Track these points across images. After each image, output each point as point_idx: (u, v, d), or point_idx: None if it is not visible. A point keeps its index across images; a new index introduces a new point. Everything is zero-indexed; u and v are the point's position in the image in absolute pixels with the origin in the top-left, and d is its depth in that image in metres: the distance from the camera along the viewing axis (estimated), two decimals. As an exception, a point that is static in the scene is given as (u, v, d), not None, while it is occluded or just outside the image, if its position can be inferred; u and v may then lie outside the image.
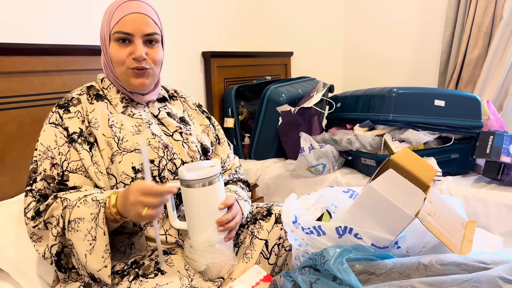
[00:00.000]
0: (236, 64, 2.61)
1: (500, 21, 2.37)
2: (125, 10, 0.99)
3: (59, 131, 0.98)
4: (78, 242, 0.89)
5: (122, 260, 0.99)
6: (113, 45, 1.00)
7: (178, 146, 1.09)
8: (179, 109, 1.19)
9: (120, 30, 0.98)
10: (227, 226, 0.96)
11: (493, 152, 1.80)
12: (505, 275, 0.75)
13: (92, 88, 1.07)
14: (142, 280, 0.90)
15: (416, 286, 0.77)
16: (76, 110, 1.01)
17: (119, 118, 1.04)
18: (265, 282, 0.99)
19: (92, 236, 0.88)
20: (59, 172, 0.95)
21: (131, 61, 1.00)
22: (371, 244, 0.90)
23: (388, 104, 1.91)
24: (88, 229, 0.88)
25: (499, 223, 1.69)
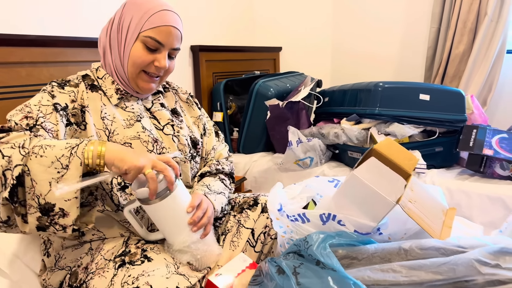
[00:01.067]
0: (225, 58, 2.62)
1: (484, 17, 2.41)
2: (164, 20, 1.00)
3: (47, 96, 0.97)
4: (40, 169, 0.78)
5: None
6: (139, 46, 1.00)
7: (168, 140, 1.10)
8: (172, 100, 1.20)
9: (154, 37, 0.99)
10: (200, 224, 0.97)
11: (476, 145, 1.84)
12: (481, 257, 0.78)
13: (87, 78, 1.07)
14: (129, 267, 0.91)
15: (396, 269, 0.80)
16: (71, 90, 1.01)
17: (112, 111, 1.04)
18: (250, 269, 1.01)
19: (61, 164, 0.79)
20: (29, 123, 0.90)
21: (151, 67, 1.02)
22: (354, 231, 0.92)
23: (374, 98, 1.94)
24: (57, 156, 0.80)
25: (481, 213, 1.73)
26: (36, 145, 0.80)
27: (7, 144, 0.80)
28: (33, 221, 0.80)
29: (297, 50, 3.12)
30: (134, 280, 0.86)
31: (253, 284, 0.91)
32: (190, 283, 0.90)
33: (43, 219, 0.80)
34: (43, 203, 0.79)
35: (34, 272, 1.09)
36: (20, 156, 0.78)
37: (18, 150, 0.79)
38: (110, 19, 1.07)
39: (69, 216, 0.81)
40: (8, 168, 0.78)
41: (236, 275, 0.98)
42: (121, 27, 1.02)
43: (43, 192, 0.79)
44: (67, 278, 0.98)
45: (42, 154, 0.79)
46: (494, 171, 1.82)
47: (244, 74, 2.70)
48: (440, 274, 0.77)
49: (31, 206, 0.80)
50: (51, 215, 0.80)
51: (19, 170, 0.78)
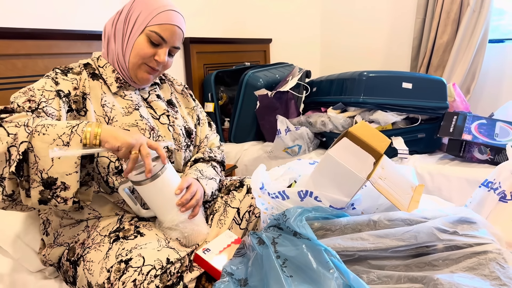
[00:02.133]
0: (216, 50, 2.68)
1: (467, 8, 2.49)
2: (170, 19, 1.07)
3: (50, 82, 1.02)
4: (43, 146, 0.84)
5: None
6: (143, 39, 1.07)
7: (164, 129, 1.17)
8: (167, 92, 1.27)
9: (158, 33, 1.06)
10: (188, 206, 1.04)
11: (455, 131, 1.92)
12: (441, 226, 0.86)
13: (89, 66, 1.13)
14: (123, 241, 0.98)
15: (364, 237, 0.88)
16: (73, 77, 1.07)
17: (111, 99, 1.11)
18: (235, 244, 1.08)
19: (63, 142, 0.85)
20: (31, 106, 0.95)
21: (151, 60, 1.09)
22: (329, 206, 1.00)
23: (359, 87, 2.02)
24: (58, 134, 0.86)
25: (460, 196, 1.82)
26: (39, 124, 0.86)
27: (11, 123, 0.86)
28: (36, 195, 0.86)
29: (287, 42, 3.18)
30: (127, 252, 0.94)
31: (237, 256, 0.99)
32: (180, 256, 0.98)
33: (45, 192, 0.87)
34: (46, 177, 0.85)
35: (34, 250, 1.17)
36: (26, 133, 0.84)
37: (23, 128, 0.85)
38: (117, 11, 1.13)
39: (69, 189, 0.87)
40: (13, 145, 0.84)
41: (222, 249, 1.06)
42: (128, 19, 1.09)
43: (46, 167, 0.85)
44: (65, 253, 1.05)
45: (44, 132, 0.85)
46: (473, 155, 1.90)
47: (234, 66, 2.76)
48: (403, 240, 0.85)
49: (34, 181, 0.86)
50: (53, 188, 0.86)
51: (24, 146, 0.83)
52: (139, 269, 0.90)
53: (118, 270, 0.91)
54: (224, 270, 0.92)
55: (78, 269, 1.00)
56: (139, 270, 0.90)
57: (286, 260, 0.84)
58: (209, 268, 1.01)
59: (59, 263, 1.08)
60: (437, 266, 0.84)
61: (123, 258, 0.93)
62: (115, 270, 0.91)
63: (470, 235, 0.85)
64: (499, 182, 1.10)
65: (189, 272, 0.99)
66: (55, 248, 1.07)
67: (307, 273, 0.80)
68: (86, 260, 0.99)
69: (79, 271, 1.00)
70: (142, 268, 0.90)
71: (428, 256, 0.85)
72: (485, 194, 1.12)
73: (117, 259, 0.93)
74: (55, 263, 1.08)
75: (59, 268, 1.09)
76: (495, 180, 1.11)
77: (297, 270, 0.82)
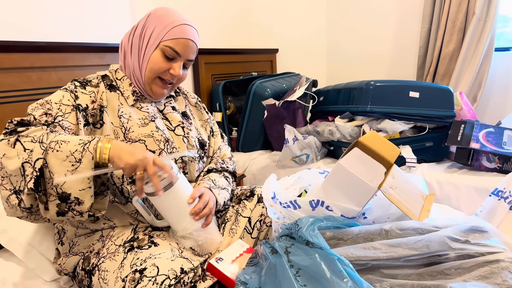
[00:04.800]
0: (223, 60, 2.71)
1: (472, 16, 2.50)
2: (184, 33, 1.10)
3: (68, 95, 1.04)
4: (57, 163, 0.87)
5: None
6: (158, 54, 1.09)
7: (179, 141, 1.19)
8: (182, 104, 1.30)
9: (173, 47, 1.08)
10: (202, 214, 1.06)
11: (463, 139, 1.93)
12: (453, 235, 0.87)
13: (106, 78, 1.15)
14: (137, 251, 1.00)
15: (377, 247, 0.89)
16: (92, 90, 1.09)
17: (128, 110, 1.13)
18: (247, 253, 1.10)
19: (75, 159, 0.87)
20: (47, 120, 0.97)
21: (166, 74, 1.11)
22: (341, 215, 1.01)
23: (366, 96, 2.03)
24: (71, 151, 0.88)
25: (469, 204, 1.82)
26: (52, 141, 0.88)
27: (27, 138, 0.88)
28: (53, 208, 0.89)
29: (293, 52, 3.21)
30: (142, 262, 0.96)
31: (250, 265, 1.00)
32: (193, 265, 0.99)
33: (62, 205, 0.89)
34: (61, 192, 0.88)
35: (49, 260, 1.18)
36: (41, 150, 0.87)
37: (38, 145, 0.87)
38: (133, 26, 1.16)
39: (84, 204, 0.90)
40: (27, 161, 0.86)
41: (234, 258, 1.07)
42: (143, 34, 1.11)
43: (59, 183, 0.88)
44: (80, 262, 1.07)
45: (58, 149, 0.87)
46: (481, 163, 1.91)
47: (242, 76, 2.79)
48: (415, 249, 0.86)
49: (51, 195, 0.89)
50: (68, 202, 0.89)
51: (40, 163, 0.86)
52: (154, 278, 0.92)
53: (133, 280, 0.92)
54: (238, 279, 0.93)
55: (93, 278, 1.01)
56: (153, 280, 0.91)
57: (300, 269, 0.85)
58: (222, 277, 1.02)
59: (74, 272, 1.10)
60: (450, 275, 0.84)
61: (137, 268, 0.94)
62: (130, 280, 0.93)
63: (482, 244, 0.86)
64: (509, 191, 1.11)
65: (202, 281, 1.00)
66: (71, 257, 1.09)
67: (321, 283, 0.81)
68: (101, 269, 1.00)
69: (94, 281, 1.01)
70: (156, 278, 0.92)
71: (440, 265, 0.86)
72: (496, 203, 1.13)
73: (131, 269, 0.95)
74: (70, 272, 1.10)
75: (74, 278, 1.10)
76: (505, 189, 1.12)
77: (310, 280, 0.83)
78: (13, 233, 1.21)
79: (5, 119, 1.41)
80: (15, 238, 1.20)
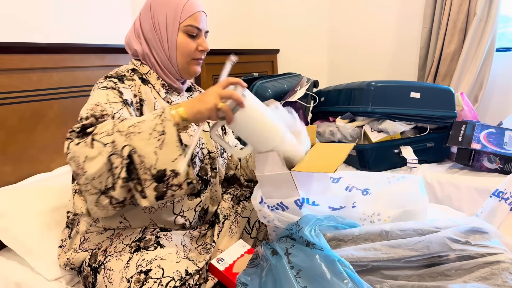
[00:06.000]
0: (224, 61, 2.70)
1: (473, 17, 2.50)
2: (195, 7, 1.12)
3: (112, 93, 1.02)
4: (143, 143, 0.84)
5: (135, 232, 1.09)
6: (183, 36, 1.11)
7: (206, 137, 1.20)
8: None
9: (194, 25, 1.11)
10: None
11: (464, 140, 1.93)
12: (453, 236, 0.87)
13: (136, 71, 1.14)
14: (143, 251, 1.00)
15: (377, 248, 0.89)
16: (130, 84, 1.08)
17: (162, 103, 1.14)
18: (248, 254, 1.10)
19: (158, 132, 0.85)
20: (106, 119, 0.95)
21: (197, 53, 1.14)
22: (328, 207, 1.00)
23: (367, 97, 2.03)
24: (151, 127, 0.85)
25: (470, 205, 1.82)
26: (129, 125, 0.86)
27: (101, 134, 0.85)
28: (152, 193, 0.86)
29: (295, 52, 3.21)
30: (147, 263, 0.96)
31: (251, 266, 1.00)
32: (198, 267, 0.99)
33: (159, 186, 0.86)
34: (155, 173, 0.85)
35: (51, 258, 1.18)
36: (122, 138, 0.84)
37: (117, 134, 0.84)
38: (135, 28, 1.15)
39: (180, 175, 0.86)
40: (113, 153, 0.83)
41: (235, 259, 1.07)
42: (157, 25, 1.12)
43: (152, 163, 0.84)
44: (87, 259, 1.07)
45: (138, 131, 0.85)
46: (482, 164, 1.91)
47: (243, 76, 2.79)
48: (415, 250, 0.86)
49: (146, 180, 0.85)
50: (165, 180, 0.85)
51: (128, 150, 0.83)
52: (159, 280, 0.92)
53: (138, 281, 0.93)
54: (239, 281, 0.93)
55: (98, 276, 1.02)
56: (158, 282, 0.91)
57: (300, 270, 0.85)
58: (223, 278, 1.02)
59: (80, 268, 1.10)
60: (450, 276, 0.84)
61: (143, 269, 0.95)
62: (135, 281, 0.93)
63: (482, 245, 0.86)
64: (510, 192, 1.11)
65: (205, 283, 1.00)
66: (80, 253, 1.09)
67: (321, 284, 0.81)
68: (107, 268, 1.01)
69: (99, 279, 1.02)
70: (161, 280, 0.92)
71: (440, 266, 0.86)
72: (496, 204, 1.13)
73: (137, 269, 0.95)
74: (77, 267, 1.11)
75: (80, 273, 1.11)
76: (506, 190, 1.12)
77: (311, 281, 0.83)
78: (16, 231, 1.21)
79: (7, 119, 1.42)
80: (17, 237, 1.21)
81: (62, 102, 1.59)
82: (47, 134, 1.55)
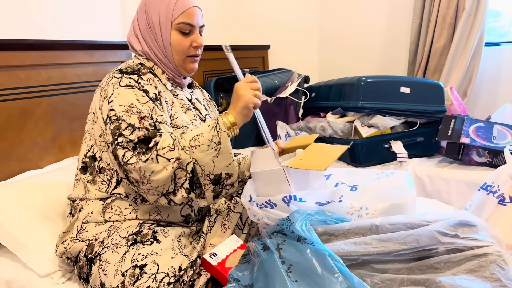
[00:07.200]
0: (215, 57, 2.69)
1: (463, 12, 2.51)
2: (187, 3, 1.12)
3: (139, 91, 1.05)
4: (203, 155, 0.99)
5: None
6: (176, 34, 1.12)
7: None
8: (200, 96, 1.32)
9: (186, 22, 1.11)
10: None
11: (454, 134, 1.95)
12: (442, 229, 0.88)
13: (144, 66, 1.14)
14: (139, 246, 1.01)
15: (367, 242, 0.89)
16: (147, 77, 1.10)
17: (170, 96, 1.15)
18: (241, 249, 1.10)
19: (215, 143, 1.00)
20: (150, 123, 1.01)
21: (191, 50, 1.15)
22: (316, 203, 1.02)
23: (357, 92, 2.04)
24: (209, 139, 1.00)
25: (459, 199, 1.84)
26: (190, 139, 1.00)
27: (164, 149, 0.98)
28: (210, 194, 1.04)
29: (285, 48, 3.21)
30: (143, 258, 0.97)
31: (243, 262, 1.01)
32: (191, 259, 1.00)
33: (216, 188, 1.04)
34: (213, 177, 1.02)
35: (44, 254, 1.17)
36: (186, 154, 0.99)
37: (182, 152, 0.99)
38: (133, 27, 1.17)
39: (233, 175, 1.05)
40: (179, 167, 0.98)
41: (228, 254, 1.07)
42: (151, 23, 1.13)
43: (211, 169, 1.01)
44: (84, 249, 1.07)
45: (198, 144, 1.00)
46: (471, 158, 1.93)
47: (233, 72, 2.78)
48: (405, 244, 0.87)
49: (205, 184, 1.03)
50: (221, 182, 1.04)
51: (191, 166, 0.99)
52: (153, 276, 0.93)
53: (133, 275, 0.94)
54: (231, 276, 0.93)
55: (93, 267, 1.02)
56: (153, 277, 0.92)
57: (291, 265, 0.86)
58: (216, 273, 1.02)
59: (77, 258, 1.10)
60: (439, 269, 0.85)
61: (138, 263, 0.96)
62: (130, 275, 0.94)
63: (471, 238, 0.87)
64: (497, 185, 1.12)
65: (198, 278, 1.01)
66: (77, 242, 1.08)
67: (312, 278, 0.82)
68: (103, 260, 1.01)
69: (94, 270, 1.02)
70: (156, 275, 0.93)
71: (430, 259, 0.87)
72: (484, 198, 1.14)
73: (132, 263, 0.96)
74: (73, 257, 1.10)
75: (75, 263, 1.10)
76: (494, 184, 1.14)
77: (302, 275, 0.83)
78: (7, 226, 1.20)
79: (-5, 117, 1.40)
80: (9, 232, 1.20)
81: (51, 100, 1.58)
82: (35, 132, 1.53)
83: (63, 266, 1.17)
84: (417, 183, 1.93)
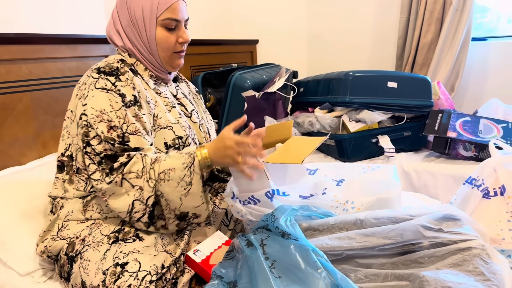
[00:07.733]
0: (203, 52, 2.67)
1: (450, 7, 2.52)
2: None
3: (114, 96, 1.00)
4: (170, 190, 0.97)
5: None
6: (161, 30, 1.08)
7: (196, 128, 1.18)
8: (186, 90, 1.28)
9: (171, 17, 1.07)
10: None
11: (441, 128, 1.95)
12: (426, 223, 0.88)
13: (125, 63, 1.09)
14: (121, 243, 0.99)
15: (351, 236, 0.89)
16: (126, 78, 1.04)
17: (153, 95, 1.11)
18: (226, 245, 1.09)
19: (186, 182, 0.97)
20: (119, 134, 0.99)
21: (178, 46, 1.11)
22: (299, 196, 1.01)
23: (345, 87, 2.03)
24: (180, 177, 0.97)
25: (446, 193, 1.84)
26: (160, 172, 0.97)
27: (131, 174, 0.97)
28: (173, 228, 1.03)
29: (274, 43, 3.19)
30: (124, 256, 0.95)
31: (227, 259, 0.99)
32: (174, 257, 0.99)
33: (181, 223, 1.02)
34: (179, 213, 1.00)
35: (24, 252, 1.14)
36: (150, 188, 0.97)
37: (146, 184, 0.97)
38: (113, 20, 1.12)
39: (200, 217, 1.02)
40: (138, 199, 0.97)
41: (212, 251, 1.06)
42: (134, 19, 1.08)
43: (177, 206, 0.99)
44: (64, 247, 1.05)
45: (168, 178, 0.97)
46: (458, 152, 1.94)
47: (221, 67, 2.76)
48: (389, 238, 0.86)
49: (169, 218, 1.00)
50: (186, 219, 1.02)
51: (152, 199, 0.97)
52: (135, 274, 0.91)
53: (114, 274, 0.92)
54: (214, 273, 0.92)
55: (74, 266, 1.00)
56: (134, 275, 0.90)
57: (275, 261, 0.85)
58: (200, 270, 1.01)
59: (57, 256, 1.07)
60: (423, 263, 0.85)
61: (119, 261, 0.94)
62: (111, 273, 0.92)
63: (455, 232, 0.87)
64: (482, 179, 1.12)
65: (181, 275, 0.99)
66: (58, 241, 1.06)
67: (296, 274, 0.81)
68: (83, 258, 0.99)
69: (74, 268, 1.00)
70: (138, 274, 0.91)
71: (414, 253, 0.87)
72: (469, 191, 1.14)
73: (113, 261, 0.94)
74: (54, 255, 1.08)
75: (56, 261, 1.08)
76: (478, 177, 1.14)
77: (285, 271, 0.82)
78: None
79: (-27, 113, 1.36)
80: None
81: (32, 95, 1.54)
82: (16, 128, 1.50)
83: (44, 265, 1.14)
84: (404, 178, 1.94)
